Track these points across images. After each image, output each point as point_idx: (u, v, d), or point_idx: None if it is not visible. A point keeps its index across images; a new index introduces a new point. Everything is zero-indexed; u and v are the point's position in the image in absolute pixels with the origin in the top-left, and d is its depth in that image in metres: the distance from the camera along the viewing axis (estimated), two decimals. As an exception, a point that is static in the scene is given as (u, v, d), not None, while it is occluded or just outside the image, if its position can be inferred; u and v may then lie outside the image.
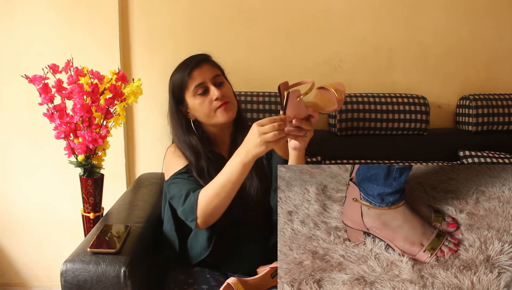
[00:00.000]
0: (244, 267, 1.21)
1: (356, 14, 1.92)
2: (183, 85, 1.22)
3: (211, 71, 1.22)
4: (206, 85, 1.20)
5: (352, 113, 1.80)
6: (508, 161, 1.77)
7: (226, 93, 1.22)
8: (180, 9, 1.86)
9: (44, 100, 1.43)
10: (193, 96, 1.21)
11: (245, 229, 1.22)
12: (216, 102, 1.19)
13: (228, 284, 1.05)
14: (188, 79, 1.20)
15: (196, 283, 1.15)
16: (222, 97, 1.19)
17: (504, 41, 2.01)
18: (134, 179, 1.94)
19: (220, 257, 1.21)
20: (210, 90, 1.20)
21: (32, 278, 2.03)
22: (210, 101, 1.20)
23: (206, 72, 1.21)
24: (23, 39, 1.81)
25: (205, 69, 1.22)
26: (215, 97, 1.19)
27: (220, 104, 1.19)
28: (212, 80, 1.21)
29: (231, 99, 1.23)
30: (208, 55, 1.27)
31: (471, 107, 1.89)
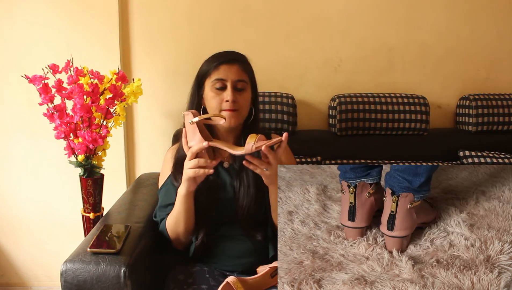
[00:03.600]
0: (237, 266, 1.21)
1: (356, 14, 1.92)
2: (207, 72, 1.24)
3: (238, 73, 1.22)
4: (225, 83, 1.21)
5: (352, 113, 1.80)
6: (508, 161, 1.77)
7: (240, 101, 1.22)
8: (180, 9, 1.86)
9: (44, 100, 1.43)
10: (211, 86, 1.22)
11: (236, 230, 1.22)
12: (226, 104, 1.20)
13: (227, 283, 1.05)
14: (214, 70, 1.22)
15: (196, 283, 1.15)
16: (233, 102, 1.19)
17: (504, 41, 2.01)
18: (134, 179, 1.94)
19: (211, 254, 1.22)
20: (226, 89, 1.20)
21: (32, 278, 2.02)
22: (221, 100, 1.20)
23: (233, 72, 1.22)
24: (23, 39, 1.81)
25: (234, 69, 1.22)
26: (226, 99, 1.19)
27: (227, 108, 1.20)
28: (233, 82, 1.21)
29: (242, 109, 1.23)
30: (245, 59, 1.28)
31: (471, 107, 1.89)
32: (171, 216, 1.19)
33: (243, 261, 1.21)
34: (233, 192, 1.22)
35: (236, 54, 1.28)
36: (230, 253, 1.22)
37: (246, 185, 1.21)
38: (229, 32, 1.88)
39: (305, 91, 1.94)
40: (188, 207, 1.15)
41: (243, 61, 1.27)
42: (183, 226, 1.17)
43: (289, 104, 1.79)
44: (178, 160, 1.25)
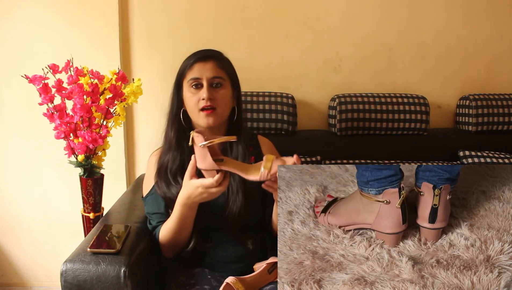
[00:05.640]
0: (233, 271, 1.18)
1: (356, 14, 1.92)
2: (183, 72, 1.22)
3: (213, 70, 1.19)
4: (201, 82, 1.18)
5: (352, 113, 1.80)
6: (508, 161, 1.77)
7: (218, 98, 1.18)
8: (180, 9, 1.86)
9: (44, 100, 1.43)
10: (188, 86, 1.20)
11: (227, 236, 1.21)
12: (202, 102, 1.17)
13: (227, 284, 1.06)
14: (188, 69, 1.20)
15: (198, 284, 1.15)
16: (209, 100, 1.16)
17: (504, 41, 2.01)
18: (134, 179, 1.94)
19: (204, 260, 1.22)
20: (202, 88, 1.18)
21: (32, 278, 2.03)
22: (198, 98, 1.18)
23: (208, 69, 1.19)
24: (23, 39, 1.81)
25: (208, 66, 1.19)
26: (202, 97, 1.17)
27: (204, 106, 1.17)
28: (209, 80, 1.18)
29: (221, 106, 1.19)
30: (220, 55, 1.24)
31: (471, 107, 1.89)
32: (167, 225, 1.15)
33: (237, 266, 1.20)
34: (222, 198, 1.18)
35: (210, 51, 1.24)
36: (224, 259, 1.21)
37: (235, 192, 1.18)
38: (229, 32, 1.88)
39: (305, 91, 1.94)
40: (191, 216, 1.13)
41: (219, 57, 1.23)
42: (182, 235, 1.15)
43: (289, 104, 1.79)
44: (161, 167, 1.22)
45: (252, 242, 1.20)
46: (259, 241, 1.25)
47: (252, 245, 1.20)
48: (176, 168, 1.20)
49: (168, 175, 1.20)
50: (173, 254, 1.22)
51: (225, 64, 1.24)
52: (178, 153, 1.22)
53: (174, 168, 1.20)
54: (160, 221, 1.20)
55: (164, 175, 1.21)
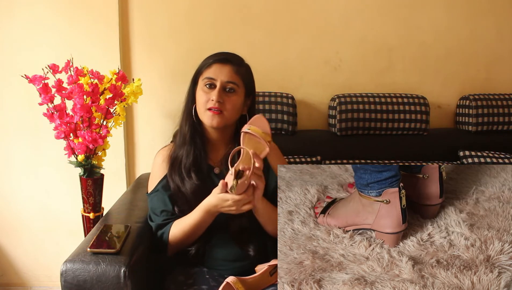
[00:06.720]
0: (233, 270, 1.18)
1: (356, 14, 1.92)
2: (201, 70, 1.24)
3: (229, 75, 1.20)
4: (214, 83, 1.20)
5: (352, 113, 1.80)
6: (508, 161, 1.77)
7: (227, 102, 1.20)
8: (180, 9, 1.86)
9: (44, 100, 1.43)
10: (202, 84, 1.22)
11: (225, 234, 1.21)
12: (211, 102, 1.19)
13: (227, 283, 1.05)
14: (206, 68, 1.22)
15: (196, 284, 1.15)
16: (217, 103, 1.18)
17: (504, 41, 2.01)
18: (134, 179, 1.94)
19: (206, 259, 1.22)
20: (215, 89, 1.20)
21: (32, 278, 2.02)
22: (208, 98, 1.20)
23: (224, 73, 1.20)
24: (23, 39, 1.81)
25: (226, 70, 1.21)
26: (212, 98, 1.18)
27: (212, 106, 1.18)
28: (223, 83, 1.20)
29: (229, 111, 1.20)
30: (240, 61, 1.25)
31: (471, 107, 1.89)
32: (181, 225, 1.17)
33: (238, 265, 1.20)
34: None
35: (231, 54, 1.26)
36: (225, 257, 1.21)
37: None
38: (229, 32, 1.88)
39: (305, 91, 1.94)
40: (209, 222, 1.15)
41: (238, 63, 1.24)
42: (193, 237, 1.18)
43: (289, 104, 1.79)
44: (175, 161, 1.24)
45: (253, 249, 1.20)
46: (260, 246, 1.24)
47: (253, 252, 1.20)
48: (190, 163, 1.22)
49: (182, 170, 1.22)
50: (175, 254, 1.23)
51: (243, 71, 1.25)
52: (192, 148, 1.24)
53: (188, 162, 1.23)
54: (166, 219, 1.21)
55: (178, 170, 1.23)
